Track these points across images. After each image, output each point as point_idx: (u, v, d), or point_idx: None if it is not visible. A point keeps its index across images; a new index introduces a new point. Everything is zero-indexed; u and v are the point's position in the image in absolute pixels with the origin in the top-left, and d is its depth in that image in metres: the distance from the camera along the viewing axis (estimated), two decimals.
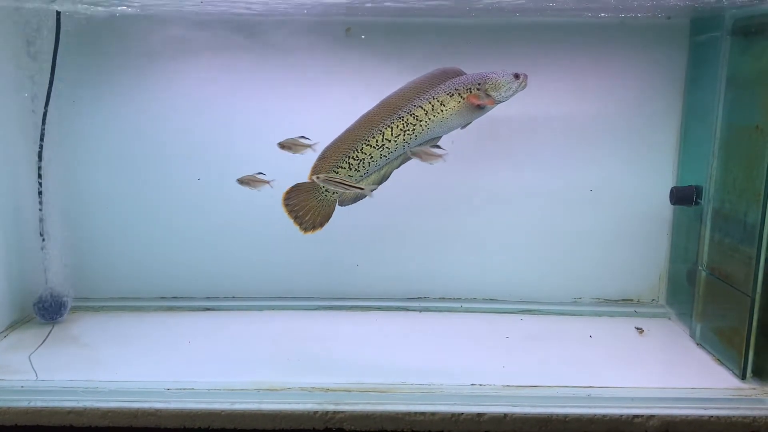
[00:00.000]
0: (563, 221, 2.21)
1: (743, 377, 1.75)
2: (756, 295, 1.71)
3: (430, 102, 1.79)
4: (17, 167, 2.05)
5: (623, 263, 2.24)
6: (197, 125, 2.15)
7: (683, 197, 2.02)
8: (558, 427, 1.58)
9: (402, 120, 1.80)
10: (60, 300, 2.08)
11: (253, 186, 1.81)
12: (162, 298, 2.28)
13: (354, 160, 1.81)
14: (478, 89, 1.77)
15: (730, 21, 1.84)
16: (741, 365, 1.75)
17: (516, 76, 1.77)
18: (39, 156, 2.03)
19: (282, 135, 2.15)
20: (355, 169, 1.82)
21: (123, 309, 2.22)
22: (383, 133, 1.80)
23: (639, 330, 2.07)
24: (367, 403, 1.60)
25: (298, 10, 1.95)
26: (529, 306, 2.23)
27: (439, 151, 1.75)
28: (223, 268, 2.27)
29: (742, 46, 1.80)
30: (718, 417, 1.58)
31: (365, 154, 1.81)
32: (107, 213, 2.22)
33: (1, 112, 2.00)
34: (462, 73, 1.81)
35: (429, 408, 1.59)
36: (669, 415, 1.58)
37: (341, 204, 1.86)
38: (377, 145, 1.81)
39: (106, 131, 2.16)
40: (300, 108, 2.13)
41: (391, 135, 1.80)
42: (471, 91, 1.77)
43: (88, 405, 1.60)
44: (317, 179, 1.75)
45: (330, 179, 1.74)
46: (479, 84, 1.77)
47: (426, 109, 1.79)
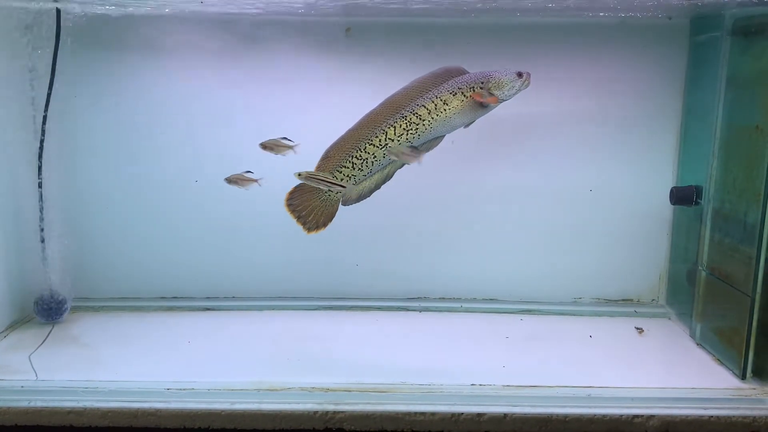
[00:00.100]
0: (563, 221, 2.21)
1: (743, 377, 1.75)
2: (756, 295, 1.71)
3: (433, 101, 1.78)
4: (17, 167, 2.05)
5: (623, 263, 2.24)
6: (198, 125, 2.15)
7: (683, 197, 2.02)
8: (558, 427, 1.58)
9: (405, 119, 1.79)
10: (60, 300, 2.08)
11: (241, 185, 1.80)
12: (162, 298, 2.28)
13: (357, 159, 1.81)
14: (481, 88, 1.77)
15: (730, 21, 1.84)
16: (741, 365, 1.75)
17: (519, 74, 1.77)
18: (39, 156, 2.03)
19: (282, 135, 2.15)
20: (359, 169, 1.82)
21: (123, 309, 2.22)
22: (386, 133, 1.80)
23: (639, 330, 2.07)
24: (367, 403, 1.60)
25: (298, 10, 1.95)
26: (529, 306, 2.23)
27: (416, 152, 1.74)
28: (223, 268, 2.27)
29: (742, 46, 1.80)
30: (718, 417, 1.58)
31: (368, 153, 1.81)
32: (107, 213, 2.22)
33: (1, 111, 2.00)
34: (465, 72, 1.81)
35: (429, 408, 1.59)
36: (669, 415, 1.58)
37: (345, 203, 1.86)
38: (380, 145, 1.80)
39: (106, 131, 2.16)
40: (300, 108, 2.13)
41: (395, 134, 1.80)
42: (474, 90, 1.77)
43: (88, 405, 1.60)
44: (298, 176, 1.73)
45: (311, 176, 1.73)
46: (483, 83, 1.77)
47: (429, 109, 1.79)
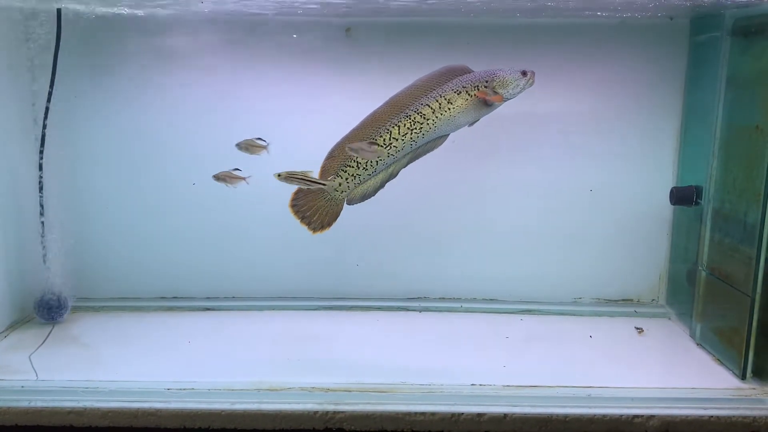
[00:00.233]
0: (563, 221, 2.21)
1: (743, 377, 1.75)
2: (756, 295, 1.71)
3: (437, 100, 1.78)
4: (18, 167, 2.05)
5: (623, 263, 2.24)
6: (198, 126, 2.15)
7: (683, 197, 2.02)
8: (558, 427, 1.58)
9: (409, 118, 1.79)
10: (60, 300, 2.08)
11: (229, 182, 1.79)
12: (162, 298, 2.28)
13: (362, 159, 1.81)
14: (485, 86, 1.77)
15: (730, 21, 1.83)
16: (741, 365, 1.75)
17: (523, 73, 1.77)
18: (40, 156, 2.03)
19: (282, 136, 2.15)
20: (363, 168, 1.82)
21: (123, 309, 2.22)
22: (390, 132, 1.80)
23: (639, 330, 2.07)
24: (367, 403, 1.60)
25: (297, 10, 1.95)
26: (529, 306, 2.23)
27: (375, 148, 1.74)
28: (223, 268, 2.27)
29: (742, 46, 1.80)
30: (718, 417, 1.58)
31: None
32: (108, 213, 2.22)
33: (2, 111, 2.00)
34: (469, 71, 1.81)
35: (429, 408, 1.59)
36: (669, 415, 1.58)
37: (349, 203, 1.86)
38: (385, 144, 1.80)
39: (107, 131, 2.16)
40: (300, 109, 2.14)
41: (399, 134, 1.80)
42: (479, 89, 1.77)
43: (88, 405, 1.60)
44: (278, 177, 1.71)
45: (291, 176, 1.72)
46: (487, 81, 1.77)
47: (433, 108, 1.78)
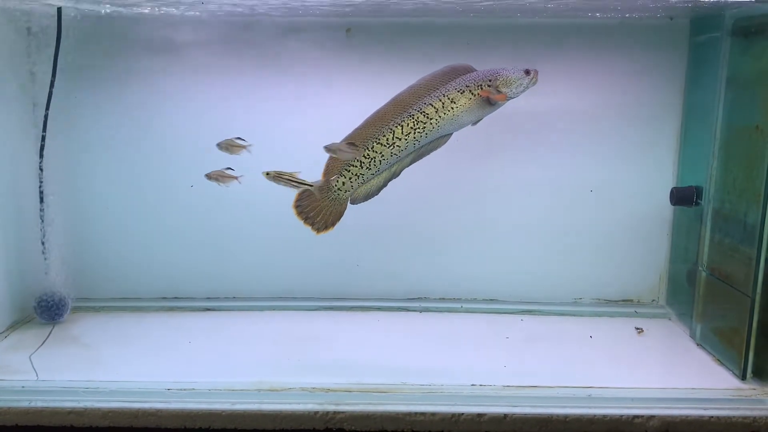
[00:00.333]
0: (564, 221, 2.21)
1: (743, 377, 1.75)
2: (756, 296, 1.71)
3: (440, 99, 1.79)
4: (18, 168, 2.05)
5: (623, 263, 2.24)
6: (198, 126, 2.15)
7: (683, 198, 2.02)
8: (558, 428, 1.58)
9: (413, 118, 1.79)
10: (60, 300, 2.08)
11: (222, 181, 1.78)
12: (163, 298, 2.28)
13: (365, 158, 1.81)
14: (489, 85, 1.77)
15: (730, 21, 1.83)
16: (741, 365, 1.75)
17: (527, 72, 1.78)
18: (40, 156, 2.03)
19: (283, 136, 2.15)
20: (366, 168, 1.82)
21: (123, 309, 2.22)
22: (394, 132, 1.80)
23: (639, 330, 2.07)
24: (368, 404, 1.61)
25: (297, 10, 1.95)
26: (530, 306, 2.23)
27: (353, 148, 1.73)
28: (224, 268, 2.27)
29: (742, 46, 1.80)
30: (718, 417, 1.58)
31: (376, 152, 1.81)
32: (108, 213, 2.22)
33: (2, 111, 2.00)
34: (472, 70, 1.81)
35: (429, 408, 1.59)
36: (669, 416, 1.58)
37: (353, 202, 1.86)
38: (388, 144, 1.80)
39: (107, 131, 2.16)
40: (301, 109, 2.14)
41: (402, 133, 1.80)
42: (482, 88, 1.77)
43: (88, 405, 1.60)
44: (266, 176, 1.71)
45: (279, 176, 1.71)
46: (490, 80, 1.77)
47: (437, 107, 1.79)
